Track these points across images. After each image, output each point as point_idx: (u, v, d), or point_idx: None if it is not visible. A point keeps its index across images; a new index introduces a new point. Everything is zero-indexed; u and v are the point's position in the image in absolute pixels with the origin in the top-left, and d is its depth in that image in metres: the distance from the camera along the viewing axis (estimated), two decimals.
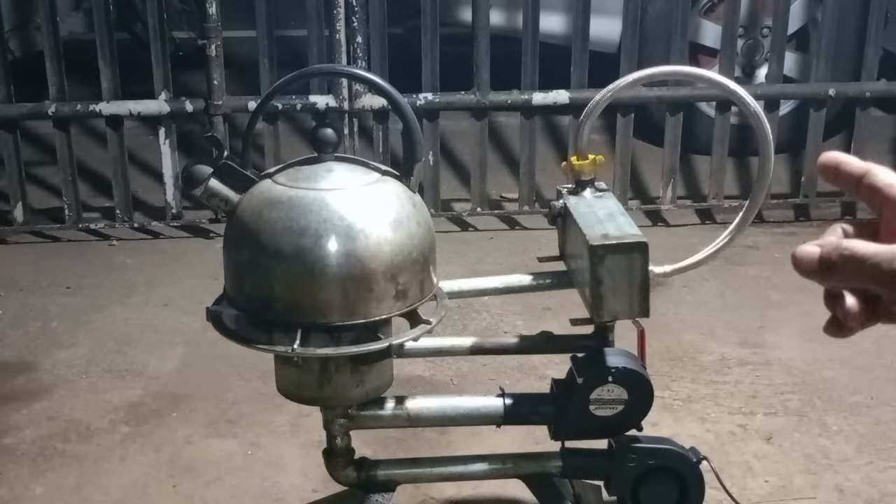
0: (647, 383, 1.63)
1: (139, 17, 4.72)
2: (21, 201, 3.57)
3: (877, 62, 3.60)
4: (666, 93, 3.58)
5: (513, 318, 2.96)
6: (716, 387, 2.61)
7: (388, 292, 1.52)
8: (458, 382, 2.65)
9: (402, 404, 1.71)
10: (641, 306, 1.54)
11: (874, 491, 2.22)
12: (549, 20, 3.73)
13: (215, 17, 3.40)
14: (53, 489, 2.26)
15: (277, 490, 2.25)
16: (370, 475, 1.74)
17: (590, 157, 1.72)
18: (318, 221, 1.49)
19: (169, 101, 3.50)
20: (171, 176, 3.55)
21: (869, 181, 0.77)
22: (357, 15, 3.40)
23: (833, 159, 0.80)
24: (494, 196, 3.81)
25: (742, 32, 3.93)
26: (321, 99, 3.50)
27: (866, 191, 0.78)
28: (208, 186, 1.56)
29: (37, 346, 2.87)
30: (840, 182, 0.80)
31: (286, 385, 1.66)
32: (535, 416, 1.72)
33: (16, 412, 2.55)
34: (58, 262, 3.42)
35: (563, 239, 1.78)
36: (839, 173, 0.79)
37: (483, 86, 3.49)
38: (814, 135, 3.65)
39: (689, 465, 1.69)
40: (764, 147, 1.65)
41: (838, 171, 0.79)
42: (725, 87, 1.68)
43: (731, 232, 1.72)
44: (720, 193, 3.66)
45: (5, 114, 3.49)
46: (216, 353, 2.70)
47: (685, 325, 2.92)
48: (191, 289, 3.13)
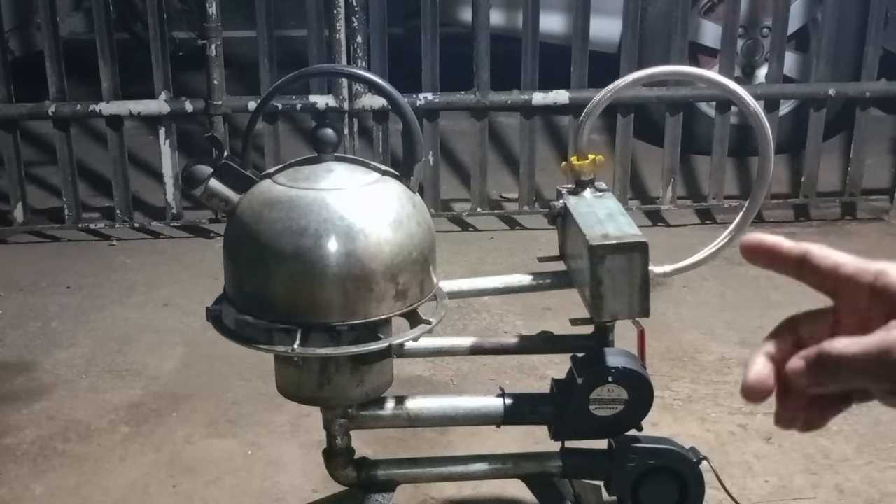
0: (647, 383, 1.63)
1: (139, 17, 4.72)
2: (21, 201, 3.56)
3: (877, 62, 3.60)
4: (666, 93, 3.58)
5: (513, 318, 2.96)
6: (716, 387, 2.61)
7: (388, 292, 1.52)
8: (458, 382, 2.65)
9: (402, 404, 1.71)
10: (641, 306, 1.55)
11: (874, 491, 2.22)
12: (549, 20, 3.73)
13: (215, 17, 3.40)
14: (53, 489, 2.26)
15: (277, 490, 2.25)
16: (370, 475, 1.74)
17: (590, 157, 1.72)
18: (318, 221, 1.49)
19: (169, 101, 3.50)
20: (171, 176, 3.55)
21: (813, 264, 0.70)
22: (357, 15, 3.40)
23: (760, 244, 0.73)
24: (494, 196, 3.81)
25: (742, 32, 3.93)
26: (321, 99, 3.50)
27: (811, 275, 0.71)
28: (208, 186, 1.56)
29: (37, 346, 2.87)
30: (774, 267, 0.73)
31: (286, 385, 1.66)
32: (535, 416, 1.72)
33: (16, 412, 2.55)
34: (58, 262, 3.42)
35: (563, 239, 1.78)
36: (773, 258, 0.72)
37: (483, 86, 3.49)
38: (814, 135, 3.65)
39: (689, 465, 1.69)
40: (764, 147, 1.65)
41: (771, 255, 0.72)
42: (725, 87, 1.68)
43: (731, 232, 1.72)
44: (720, 193, 3.66)
45: (5, 114, 3.49)
46: (216, 353, 2.70)
47: (685, 325, 2.92)
48: (191, 289, 3.13)
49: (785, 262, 0.72)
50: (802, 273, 0.71)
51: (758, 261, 0.73)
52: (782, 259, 0.72)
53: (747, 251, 0.73)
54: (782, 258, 0.72)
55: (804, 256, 0.71)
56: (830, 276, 0.70)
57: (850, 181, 3.67)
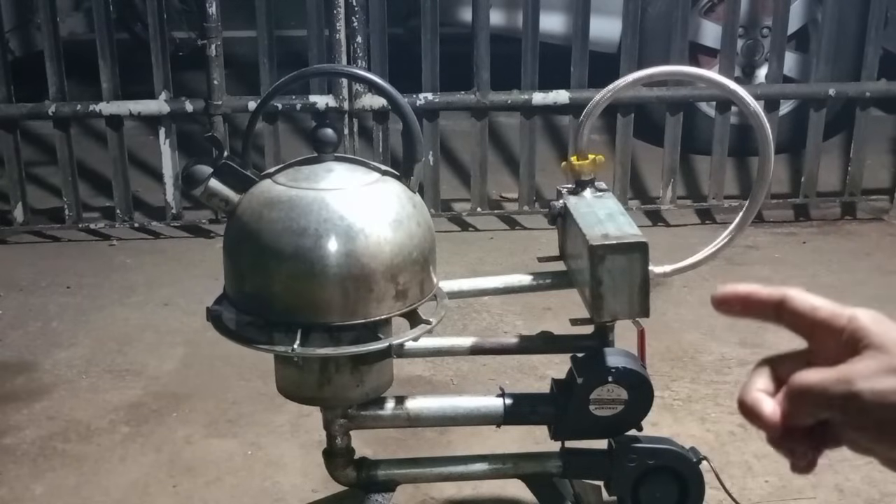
0: (647, 383, 1.63)
1: (139, 17, 4.72)
2: (21, 201, 3.57)
3: (877, 62, 3.60)
4: (666, 93, 3.58)
5: (513, 318, 2.96)
6: (716, 387, 2.61)
7: (388, 292, 1.52)
8: (458, 382, 2.65)
9: (402, 404, 1.71)
10: (641, 306, 1.55)
11: (874, 491, 2.22)
12: (549, 20, 3.73)
13: (215, 17, 3.40)
14: (53, 489, 2.26)
15: (277, 490, 2.25)
16: (370, 475, 1.74)
17: (590, 157, 1.72)
18: (318, 221, 1.49)
19: (169, 101, 3.50)
20: (171, 176, 3.55)
21: (791, 308, 0.72)
22: (357, 15, 3.40)
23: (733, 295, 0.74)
24: (494, 196, 3.81)
25: (742, 32, 3.93)
26: (321, 99, 3.50)
27: (789, 318, 0.73)
28: (208, 186, 1.56)
29: (37, 346, 2.87)
30: (751, 314, 0.74)
31: (286, 385, 1.66)
32: (535, 416, 1.72)
33: (16, 412, 2.55)
34: (58, 262, 3.42)
35: (563, 239, 1.78)
36: (749, 306, 0.74)
37: (483, 86, 3.49)
38: (814, 135, 3.65)
39: (689, 465, 1.69)
40: (764, 147, 1.65)
41: (747, 303, 0.74)
42: (725, 87, 1.68)
43: (731, 232, 1.72)
44: (720, 193, 3.66)
45: (5, 114, 3.49)
46: (216, 353, 2.70)
47: (685, 325, 2.92)
48: (191, 289, 3.13)
49: (762, 308, 0.74)
50: (781, 316, 0.73)
51: (732, 311, 0.75)
52: (759, 306, 0.74)
53: (720, 303, 0.75)
54: (759, 305, 0.74)
55: (782, 301, 0.73)
56: (808, 319, 0.72)
57: (850, 181, 3.68)
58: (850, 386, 0.66)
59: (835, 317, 0.71)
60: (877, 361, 0.67)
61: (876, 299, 3.06)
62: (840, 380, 0.67)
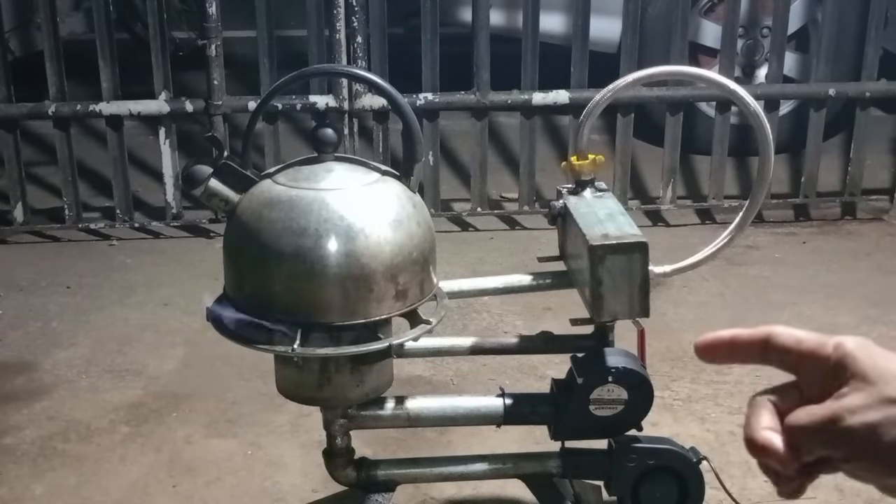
0: (647, 383, 1.63)
1: (139, 17, 4.72)
2: (21, 201, 3.57)
3: (877, 62, 3.60)
4: (666, 93, 3.58)
5: (513, 318, 2.96)
6: (716, 387, 2.61)
7: (388, 292, 1.52)
8: (458, 382, 2.65)
9: (402, 404, 1.71)
10: (641, 306, 1.55)
11: (874, 491, 2.21)
12: (549, 20, 3.73)
13: (215, 17, 3.40)
14: (53, 489, 2.26)
15: (277, 490, 2.25)
16: (370, 475, 1.74)
17: (590, 157, 1.72)
18: (318, 221, 1.49)
19: (169, 101, 3.50)
20: (171, 176, 3.55)
21: (777, 344, 0.72)
22: (357, 15, 3.40)
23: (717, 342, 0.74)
24: (494, 196, 3.81)
25: (742, 32, 3.93)
26: (321, 99, 3.50)
27: (776, 355, 0.72)
28: (208, 186, 1.56)
29: (37, 346, 2.87)
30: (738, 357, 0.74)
31: (286, 385, 1.66)
32: (535, 416, 1.72)
33: (16, 412, 2.55)
34: (58, 262, 3.42)
35: (563, 239, 1.78)
36: (734, 350, 0.74)
37: (483, 86, 3.49)
38: (814, 135, 3.65)
39: (689, 465, 1.69)
40: (764, 147, 1.65)
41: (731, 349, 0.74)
42: (725, 87, 1.68)
43: (731, 232, 1.72)
44: (720, 193, 3.66)
45: (5, 114, 3.49)
46: (216, 353, 2.70)
47: (685, 325, 2.92)
48: (191, 289, 3.13)
49: (748, 350, 0.73)
50: (767, 355, 0.73)
51: (717, 358, 0.75)
52: (744, 348, 0.73)
53: (705, 352, 0.74)
54: (744, 347, 0.73)
55: (767, 338, 0.72)
56: (794, 353, 0.72)
57: (850, 181, 3.67)
58: (841, 423, 0.67)
59: (820, 346, 0.71)
60: (864, 394, 0.67)
61: (876, 299, 3.06)
62: (831, 418, 0.68)
